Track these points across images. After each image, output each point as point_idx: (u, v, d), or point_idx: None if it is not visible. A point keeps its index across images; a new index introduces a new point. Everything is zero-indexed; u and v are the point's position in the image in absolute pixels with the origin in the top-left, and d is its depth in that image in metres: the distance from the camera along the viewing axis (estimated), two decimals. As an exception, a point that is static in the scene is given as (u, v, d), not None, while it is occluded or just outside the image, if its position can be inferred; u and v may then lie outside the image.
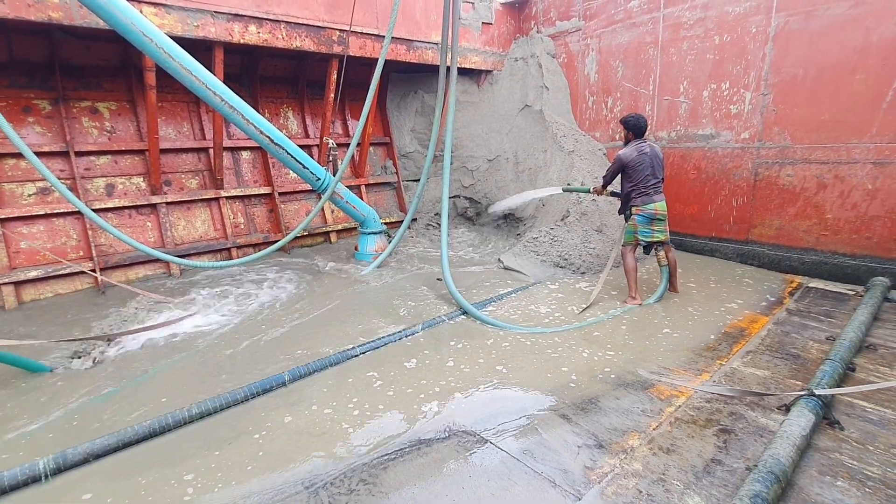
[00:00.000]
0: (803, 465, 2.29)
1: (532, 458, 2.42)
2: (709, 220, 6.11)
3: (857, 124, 4.79)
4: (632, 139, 4.57)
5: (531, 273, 5.49)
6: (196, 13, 4.98)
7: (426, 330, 4.03)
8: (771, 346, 3.62)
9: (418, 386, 3.15)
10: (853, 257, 4.98)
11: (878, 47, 4.59)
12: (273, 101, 7.05)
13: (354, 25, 6.03)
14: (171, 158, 6.07)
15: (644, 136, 4.57)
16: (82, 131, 5.55)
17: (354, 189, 7.54)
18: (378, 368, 3.38)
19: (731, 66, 5.65)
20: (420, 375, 3.29)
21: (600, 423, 2.70)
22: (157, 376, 3.41)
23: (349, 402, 2.96)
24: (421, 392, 3.07)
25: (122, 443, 2.52)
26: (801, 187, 5.26)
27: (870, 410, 2.75)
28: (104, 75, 5.69)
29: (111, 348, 3.84)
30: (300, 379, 3.22)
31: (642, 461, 2.37)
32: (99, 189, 5.57)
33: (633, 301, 4.56)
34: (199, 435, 2.66)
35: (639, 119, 4.53)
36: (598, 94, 7.24)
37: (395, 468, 2.35)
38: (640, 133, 4.55)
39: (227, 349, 3.77)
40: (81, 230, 5.32)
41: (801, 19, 5.04)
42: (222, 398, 2.88)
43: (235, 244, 6.23)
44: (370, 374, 3.30)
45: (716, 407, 2.83)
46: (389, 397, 3.02)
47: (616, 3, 6.75)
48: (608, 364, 3.40)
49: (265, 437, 2.64)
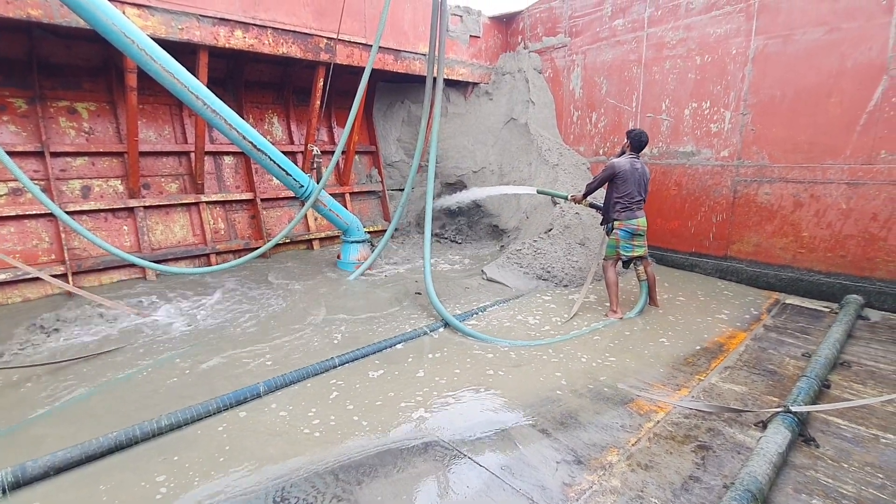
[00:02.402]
0: (779, 483, 2.29)
1: (510, 474, 2.38)
2: (689, 235, 6.20)
3: (833, 146, 4.92)
4: (628, 150, 4.63)
5: (514, 285, 5.48)
6: (181, 16, 4.92)
7: (406, 343, 3.98)
8: (748, 362, 3.65)
9: (392, 398, 3.10)
10: (828, 275, 5.09)
11: (853, 72, 4.73)
12: (258, 107, 6.99)
13: (342, 34, 6.02)
14: (150, 161, 5.95)
15: (640, 153, 4.64)
16: (59, 131, 5.41)
17: (339, 197, 7.49)
18: (346, 378, 3.33)
19: (712, 86, 5.78)
20: (394, 387, 3.24)
21: (579, 438, 2.68)
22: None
23: (308, 412, 2.90)
24: (401, 402, 3.02)
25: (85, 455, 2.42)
26: (778, 205, 5.37)
27: (844, 428, 2.78)
28: (84, 75, 5.58)
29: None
30: (276, 390, 3.16)
31: (621, 478, 2.35)
32: (74, 191, 5.43)
33: (615, 315, 4.57)
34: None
35: (641, 134, 4.59)
36: (583, 109, 7.33)
37: (370, 484, 2.29)
38: (639, 148, 4.61)
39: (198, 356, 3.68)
40: (54, 233, 5.17)
41: (779, 43, 5.19)
42: (193, 409, 2.80)
43: (215, 250, 6.11)
44: (333, 383, 3.24)
45: (694, 423, 2.84)
46: (361, 410, 2.97)
47: (601, 21, 6.87)
48: (588, 378, 3.39)
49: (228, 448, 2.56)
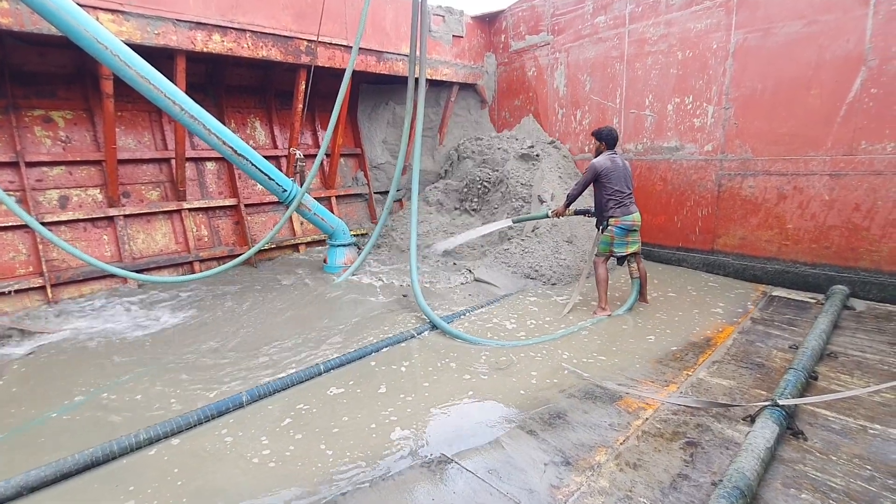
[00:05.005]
0: (768, 478, 2.28)
1: (497, 477, 2.34)
2: (675, 230, 6.21)
3: (814, 138, 4.95)
4: (604, 150, 4.62)
5: (502, 285, 5.45)
6: (156, 21, 4.84)
7: (391, 346, 3.93)
8: (736, 356, 3.64)
9: (379, 408, 3.05)
10: (814, 266, 5.11)
11: (831, 64, 4.76)
12: (240, 112, 6.90)
13: (323, 36, 5.97)
14: (130, 169, 5.84)
15: (615, 148, 4.63)
16: (34, 141, 5.30)
17: (325, 201, 7.42)
18: (345, 381, 3.28)
19: (694, 81, 5.79)
20: (385, 400, 3.19)
21: (567, 438, 2.65)
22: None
23: (282, 430, 2.85)
24: (386, 409, 2.97)
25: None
26: (762, 198, 5.39)
27: (832, 419, 2.78)
28: (59, 83, 5.46)
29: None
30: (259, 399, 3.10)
31: (609, 478, 2.32)
32: (52, 201, 5.31)
33: (603, 312, 4.55)
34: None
35: (612, 130, 4.60)
36: (568, 106, 7.33)
37: (354, 493, 2.24)
38: (613, 144, 4.61)
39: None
40: (31, 244, 5.05)
41: (759, 36, 5.21)
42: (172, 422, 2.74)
43: (198, 258, 6.02)
44: (331, 390, 3.19)
45: (682, 419, 2.82)
46: (349, 410, 2.91)
47: (583, 18, 6.87)
48: (577, 376, 3.37)
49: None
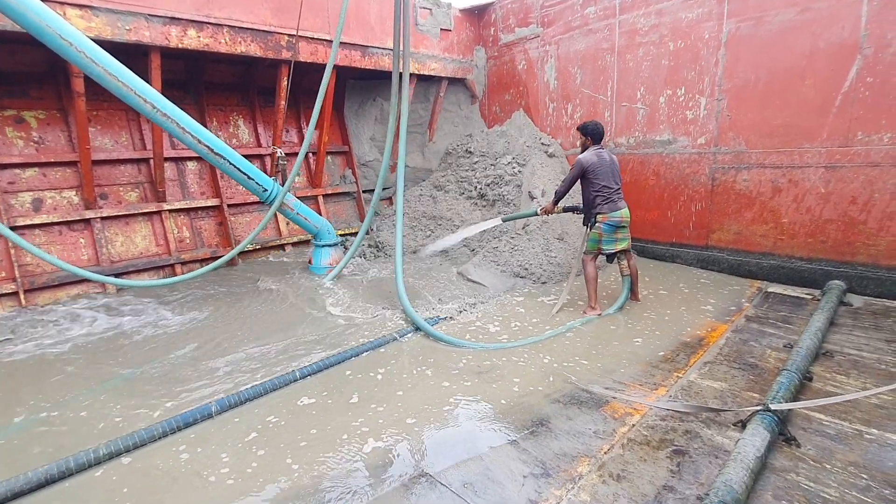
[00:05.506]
0: (758, 489, 2.14)
1: (473, 491, 2.20)
2: (669, 225, 6.06)
3: (809, 129, 4.80)
4: (590, 145, 4.49)
5: (491, 285, 5.30)
6: (127, 16, 4.67)
7: (372, 350, 3.79)
8: (729, 356, 3.51)
9: (350, 418, 2.91)
10: (810, 261, 4.97)
11: (826, 52, 4.61)
12: (222, 109, 6.72)
13: (305, 31, 5.80)
14: (107, 170, 5.68)
15: (601, 143, 4.50)
16: (6, 142, 5.13)
17: (312, 199, 7.27)
18: (321, 388, 3.14)
19: (686, 72, 5.64)
20: (356, 410, 3.05)
21: (549, 447, 2.51)
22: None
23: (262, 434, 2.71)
24: (357, 420, 2.84)
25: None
26: (756, 192, 5.24)
27: (827, 424, 2.64)
28: (31, 82, 5.29)
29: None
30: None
31: (590, 491, 2.19)
32: (25, 204, 5.15)
33: (593, 311, 4.41)
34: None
35: (598, 125, 4.49)
36: (558, 100, 7.17)
37: (319, 511, 2.11)
38: (599, 139, 4.48)
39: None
40: (3, 248, 4.89)
41: (751, 25, 5.05)
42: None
43: (180, 260, 5.86)
44: (303, 400, 3.05)
45: (671, 425, 2.68)
46: (319, 422, 2.77)
47: (573, 9, 6.71)
48: (563, 380, 3.23)
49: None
